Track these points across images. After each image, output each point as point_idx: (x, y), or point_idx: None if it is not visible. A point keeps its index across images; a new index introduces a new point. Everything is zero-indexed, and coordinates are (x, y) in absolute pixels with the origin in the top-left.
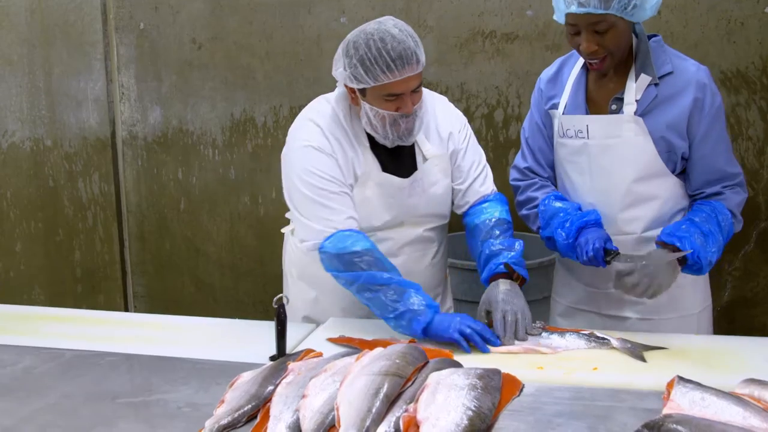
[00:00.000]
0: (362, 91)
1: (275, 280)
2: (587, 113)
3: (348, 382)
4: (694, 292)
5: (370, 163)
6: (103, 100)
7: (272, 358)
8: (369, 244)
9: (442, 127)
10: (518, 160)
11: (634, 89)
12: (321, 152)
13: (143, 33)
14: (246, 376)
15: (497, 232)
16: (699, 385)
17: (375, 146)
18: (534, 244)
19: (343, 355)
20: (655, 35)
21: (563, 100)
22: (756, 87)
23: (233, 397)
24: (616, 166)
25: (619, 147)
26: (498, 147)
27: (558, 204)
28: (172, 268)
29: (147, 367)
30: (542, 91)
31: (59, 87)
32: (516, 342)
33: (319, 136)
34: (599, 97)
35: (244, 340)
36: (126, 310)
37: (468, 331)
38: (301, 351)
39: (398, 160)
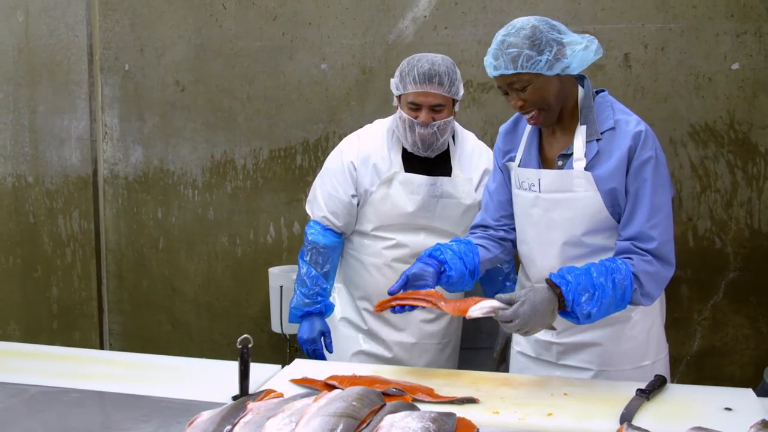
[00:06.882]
0: (399, 98)
1: (251, 321)
2: (540, 167)
3: (303, 423)
4: (647, 345)
5: (396, 165)
6: (86, 139)
7: (235, 398)
8: (326, 240)
9: (482, 162)
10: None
11: (581, 145)
12: (343, 163)
13: (128, 74)
14: (205, 415)
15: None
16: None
17: (409, 157)
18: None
19: (303, 396)
20: (602, 90)
21: (519, 153)
22: (723, 140)
23: None
24: (567, 219)
25: (569, 201)
26: None
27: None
28: (149, 306)
29: (111, 404)
30: (500, 144)
31: (43, 125)
32: None
33: (353, 148)
34: (549, 152)
35: (210, 379)
36: (101, 347)
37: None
38: (262, 391)
39: (429, 169)
